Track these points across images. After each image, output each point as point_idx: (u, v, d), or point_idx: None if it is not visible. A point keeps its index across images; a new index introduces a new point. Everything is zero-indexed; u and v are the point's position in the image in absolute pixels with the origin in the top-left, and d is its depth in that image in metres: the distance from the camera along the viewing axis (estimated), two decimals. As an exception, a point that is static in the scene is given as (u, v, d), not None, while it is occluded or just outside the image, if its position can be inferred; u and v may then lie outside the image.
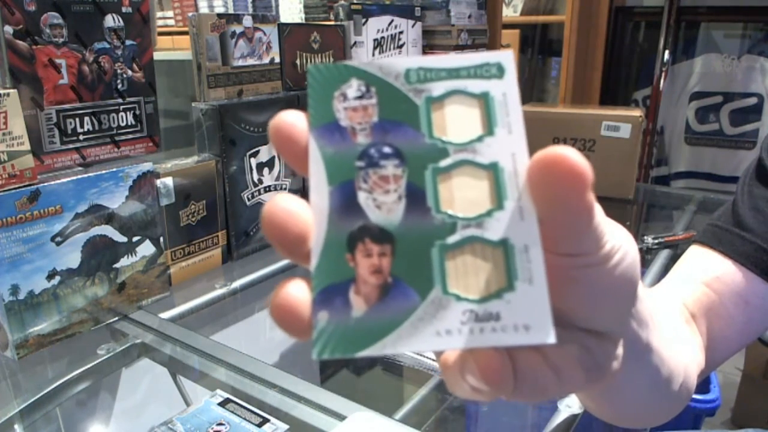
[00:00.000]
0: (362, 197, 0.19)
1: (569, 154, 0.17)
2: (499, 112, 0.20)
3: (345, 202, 0.19)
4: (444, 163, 0.19)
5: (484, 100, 0.20)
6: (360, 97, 0.20)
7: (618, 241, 0.20)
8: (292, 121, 0.19)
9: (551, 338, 0.17)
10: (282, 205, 0.18)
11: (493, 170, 0.19)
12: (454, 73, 0.20)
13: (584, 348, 0.22)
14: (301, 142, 0.19)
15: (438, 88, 0.20)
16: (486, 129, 0.19)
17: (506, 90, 0.20)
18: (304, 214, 0.18)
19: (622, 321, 0.23)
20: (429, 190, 0.19)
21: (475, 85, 0.20)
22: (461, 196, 0.19)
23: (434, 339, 0.17)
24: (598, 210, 0.19)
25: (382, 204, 0.19)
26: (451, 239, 0.18)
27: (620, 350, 0.24)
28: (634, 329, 0.26)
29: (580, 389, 0.23)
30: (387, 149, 0.19)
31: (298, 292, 0.18)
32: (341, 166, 0.19)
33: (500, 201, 0.19)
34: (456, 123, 0.20)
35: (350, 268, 0.18)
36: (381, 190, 0.19)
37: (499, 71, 0.20)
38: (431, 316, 0.18)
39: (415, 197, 0.19)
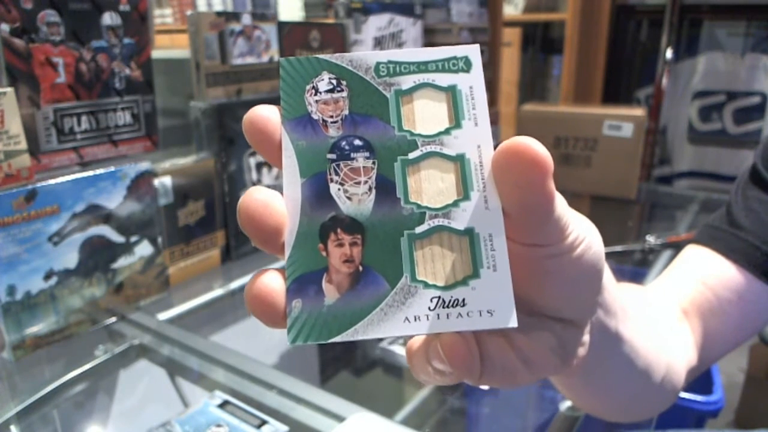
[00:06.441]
0: (334, 189, 0.19)
1: (531, 143, 0.18)
2: (465, 105, 0.20)
3: (317, 193, 0.19)
4: (413, 155, 0.20)
5: (451, 93, 0.21)
6: (331, 91, 0.20)
7: (582, 232, 0.21)
8: (266, 114, 0.20)
9: (513, 322, 0.18)
10: (257, 196, 0.18)
11: (459, 162, 0.20)
12: (422, 67, 0.21)
13: (551, 335, 0.23)
14: (274, 136, 0.20)
15: (407, 82, 0.21)
16: (453, 121, 0.20)
17: (473, 83, 0.21)
18: (279, 206, 0.19)
19: (587, 309, 0.24)
20: (398, 181, 0.20)
21: (443, 79, 0.21)
22: (429, 187, 0.19)
23: (403, 325, 0.18)
24: (561, 201, 0.20)
25: (353, 195, 0.19)
26: (420, 229, 0.19)
27: (586, 337, 0.25)
28: (601, 318, 0.27)
29: (548, 375, 0.24)
30: (358, 142, 0.20)
31: (272, 282, 0.18)
32: (313, 159, 0.20)
33: (466, 191, 0.19)
34: (424, 116, 0.20)
35: (323, 257, 0.19)
36: (352, 181, 0.19)
37: (467, 65, 0.21)
38: (400, 303, 0.18)
39: (385, 188, 0.19)
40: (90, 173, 0.64)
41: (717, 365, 0.75)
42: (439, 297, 0.18)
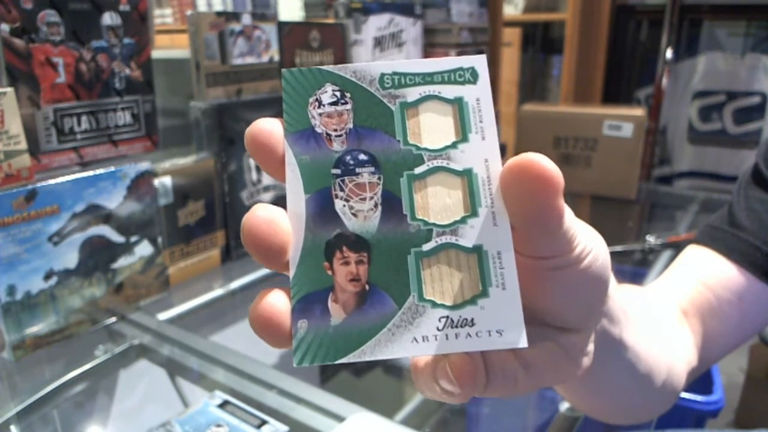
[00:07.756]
0: (339, 205, 0.19)
1: (540, 160, 0.18)
2: (472, 118, 0.20)
3: (322, 210, 0.19)
4: (419, 170, 0.19)
5: (458, 105, 0.20)
6: (335, 103, 0.20)
7: (589, 243, 0.21)
8: (269, 128, 0.19)
9: (523, 342, 0.18)
10: (260, 214, 0.18)
11: (467, 177, 0.19)
12: (428, 78, 0.20)
13: (555, 345, 0.23)
14: (277, 150, 0.19)
15: (412, 94, 0.20)
16: (460, 135, 0.20)
17: (480, 95, 0.20)
18: (284, 223, 0.18)
19: (592, 319, 0.24)
20: (405, 197, 0.19)
21: (449, 91, 0.20)
22: (436, 203, 0.19)
23: (411, 345, 0.18)
24: (569, 213, 0.20)
25: (359, 212, 0.19)
26: (427, 246, 0.19)
27: (591, 346, 0.25)
28: (605, 326, 0.26)
29: (552, 384, 0.24)
30: (362, 156, 0.19)
31: (277, 302, 0.18)
32: (317, 174, 0.19)
33: (474, 207, 0.19)
34: (430, 129, 0.20)
35: (328, 276, 0.18)
36: (357, 197, 0.19)
37: (473, 76, 0.20)
38: (408, 323, 0.18)
39: (391, 204, 0.19)
40: (90, 173, 0.64)
41: (717, 365, 0.75)
42: (448, 317, 0.18)
